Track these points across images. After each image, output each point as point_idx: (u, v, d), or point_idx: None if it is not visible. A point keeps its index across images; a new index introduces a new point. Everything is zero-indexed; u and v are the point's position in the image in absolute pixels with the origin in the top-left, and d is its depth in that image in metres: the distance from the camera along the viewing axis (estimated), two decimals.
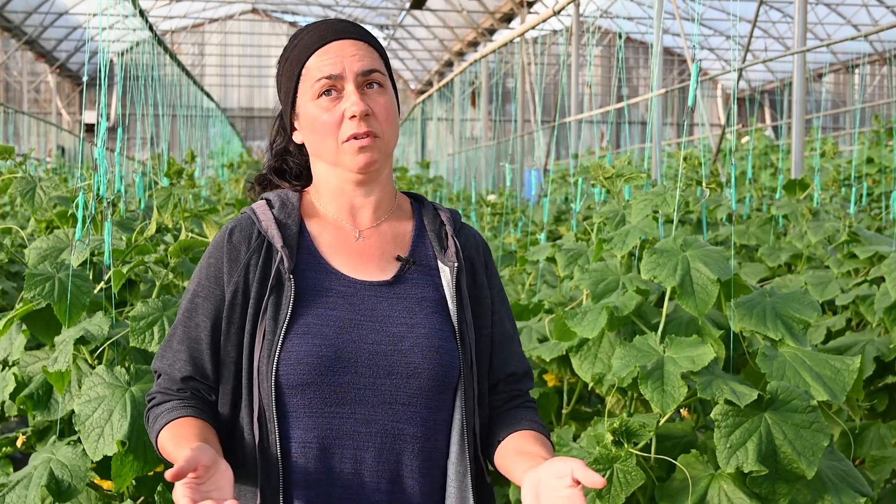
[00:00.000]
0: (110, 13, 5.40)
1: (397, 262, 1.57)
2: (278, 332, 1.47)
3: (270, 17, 28.13)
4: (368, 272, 1.55)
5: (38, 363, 2.43)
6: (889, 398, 3.20)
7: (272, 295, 1.49)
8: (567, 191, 8.24)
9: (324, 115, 1.53)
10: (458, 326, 1.53)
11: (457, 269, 1.55)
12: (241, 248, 1.54)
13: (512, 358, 1.62)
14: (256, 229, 1.56)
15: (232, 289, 1.52)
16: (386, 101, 1.55)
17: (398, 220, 1.62)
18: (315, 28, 1.59)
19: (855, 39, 7.58)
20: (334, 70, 1.53)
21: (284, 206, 1.59)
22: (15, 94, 26.33)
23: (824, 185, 5.66)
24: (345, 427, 1.46)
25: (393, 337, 1.49)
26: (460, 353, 1.52)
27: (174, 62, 11.68)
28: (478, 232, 1.67)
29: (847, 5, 20.16)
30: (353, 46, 1.55)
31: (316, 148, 1.57)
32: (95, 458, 2.11)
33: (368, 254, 1.57)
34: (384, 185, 1.61)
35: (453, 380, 1.51)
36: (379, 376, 1.47)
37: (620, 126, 18.23)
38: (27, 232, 3.52)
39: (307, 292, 1.51)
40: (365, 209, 1.60)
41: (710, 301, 2.23)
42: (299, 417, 1.46)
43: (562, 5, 8.19)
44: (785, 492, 1.97)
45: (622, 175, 2.85)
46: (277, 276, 1.51)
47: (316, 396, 1.46)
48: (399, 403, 1.47)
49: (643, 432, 2.07)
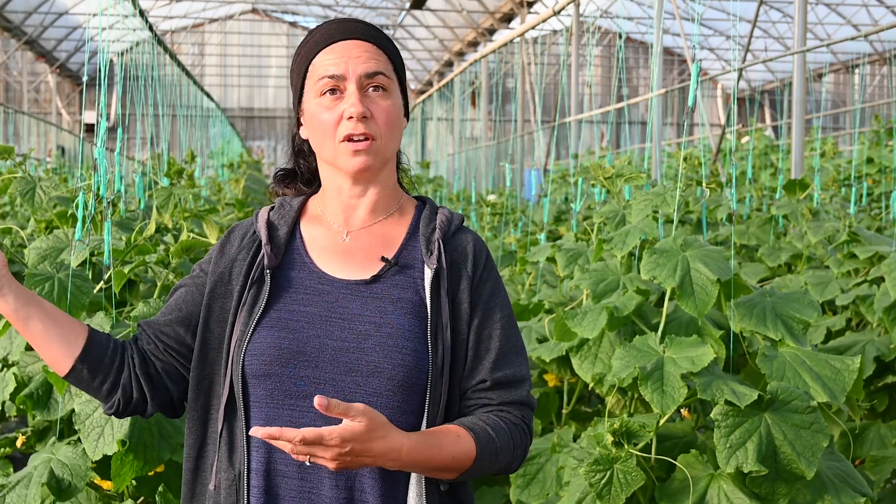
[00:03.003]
0: (110, 13, 5.40)
1: (381, 263, 1.58)
2: (250, 323, 1.53)
3: (270, 17, 28.12)
4: (350, 271, 1.57)
5: (38, 363, 2.43)
6: (889, 398, 3.20)
7: (252, 289, 1.56)
8: (567, 191, 8.24)
9: (324, 113, 1.55)
10: (431, 329, 1.52)
11: (436, 272, 1.55)
12: (234, 244, 1.63)
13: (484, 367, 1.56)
14: (253, 229, 1.64)
15: (214, 278, 1.60)
16: (388, 105, 1.56)
17: (394, 223, 1.63)
18: (326, 26, 1.61)
19: (855, 39, 7.58)
20: (337, 70, 1.54)
21: (282, 208, 1.66)
22: (15, 94, 26.33)
23: (824, 185, 5.67)
24: (304, 421, 1.48)
25: (359, 335, 1.51)
26: (431, 356, 1.51)
27: (174, 62, 11.67)
28: (478, 238, 1.64)
29: (847, 5, 20.15)
30: (360, 48, 1.57)
31: (316, 145, 1.61)
32: (95, 457, 2.11)
33: (354, 254, 1.59)
34: (382, 187, 1.62)
35: (420, 382, 1.50)
36: (339, 373, 1.49)
37: (620, 126, 18.22)
38: (27, 232, 3.52)
39: (284, 288, 1.56)
40: (359, 210, 1.61)
41: (710, 301, 2.23)
42: (261, 408, 1.51)
43: (562, 5, 8.19)
44: (784, 492, 1.97)
45: (622, 175, 2.85)
46: (259, 272, 1.57)
47: (277, 388, 1.50)
48: (359, 402, 1.46)
49: (643, 433, 2.07)
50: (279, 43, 28.16)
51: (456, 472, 1.48)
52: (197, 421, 1.59)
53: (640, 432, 2.07)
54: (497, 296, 1.61)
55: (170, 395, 1.62)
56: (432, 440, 1.45)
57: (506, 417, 1.55)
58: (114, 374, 1.57)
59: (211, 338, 1.58)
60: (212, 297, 1.59)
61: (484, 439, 1.49)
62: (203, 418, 1.59)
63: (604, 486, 2.04)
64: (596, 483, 2.04)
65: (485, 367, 1.56)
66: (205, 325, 1.58)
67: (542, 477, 2.65)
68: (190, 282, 1.64)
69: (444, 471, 1.47)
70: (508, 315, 1.61)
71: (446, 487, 1.54)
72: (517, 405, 1.57)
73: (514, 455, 1.54)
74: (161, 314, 1.64)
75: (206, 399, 1.59)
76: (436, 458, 1.44)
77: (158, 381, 1.60)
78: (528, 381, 1.60)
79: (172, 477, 2.35)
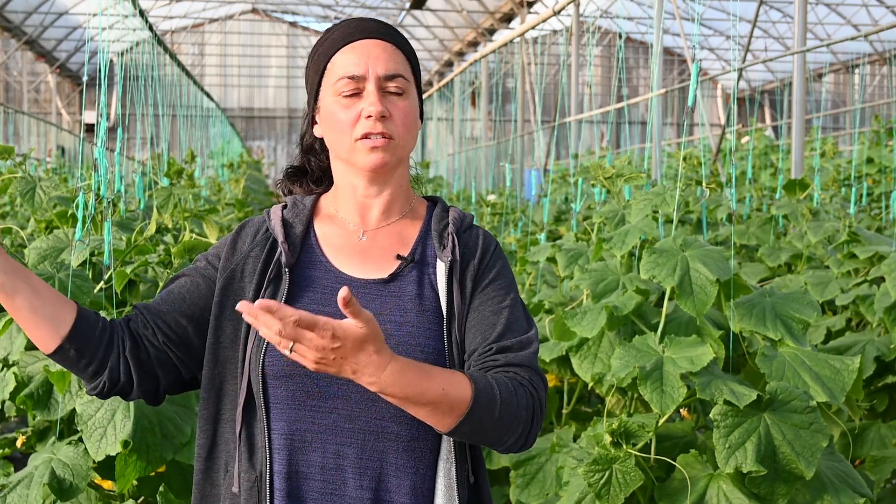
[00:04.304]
0: (110, 13, 5.40)
1: (397, 262, 1.57)
2: None
3: (270, 17, 28.11)
4: (367, 270, 1.56)
5: (38, 363, 2.43)
6: (889, 398, 3.20)
7: (269, 287, 1.54)
8: (567, 191, 8.24)
9: (342, 112, 1.54)
10: (447, 323, 1.52)
11: (449, 264, 1.55)
12: (246, 240, 1.60)
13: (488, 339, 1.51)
14: (265, 226, 1.61)
15: (226, 275, 1.57)
16: (405, 105, 1.56)
17: (408, 223, 1.63)
18: (347, 24, 1.60)
19: (855, 39, 7.58)
20: (357, 70, 1.54)
21: (295, 206, 1.64)
22: (15, 94, 26.32)
23: (824, 185, 5.66)
24: (327, 421, 1.47)
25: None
26: (447, 351, 1.51)
27: (174, 62, 11.67)
28: (487, 233, 1.64)
29: (847, 5, 20.14)
30: (380, 48, 1.56)
31: (332, 143, 1.60)
32: (98, 457, 2.12)
33: (370, 253, 1.58)
34: (396, 187, 1.61)
35: None
36: None
37: (620, 126, 18.22)
38: (27, 232, 3.52)
39: (302, 287, 1.54)
40: (374, 209, 1.61)
41: (709, 301, 2.24)
42: (283, 409, 1.49)
43: (562, 5, 8.19)
44: (784, 492, 1.98)
45: (622, 175, 2.85)
46: (276, 270, 1.55)
47: (299, 388, 1.48)
48: (382, 401, 1.46)
49: (642, 433, 2.07)
50: (279, 43, 28.15)
51: (450, 414, 1.37)
52: (208, 420, 1.57)
53: (638, 432, 2.07)
54: (500, 278, 1.58)
55: (157, 384, 1.57)
56: (422, 366, 1.37)
57: (511, 376, 1.46)
58: (101, 355, 1.51)
59: (223, 336, 1.56)
60: (224, 294, 1.56)
61: (481, 383, 1.39)
62: (214, 418, 1.57)
63: (602, 486, 2.04)
64: (595, 483, 2.04)
65: (489, 339, 1.51)
66: (217, 322, 1.55)
67: (541, 477, 2.65)
68: (195, 273, 1.59)
69: (434, 408, 1.36)
70: (514, 297, 1.57)
71: (472, 479, 1.53)
72: (525, 368, 1.48)
73: (518, 416, 1.43)
74: (161, 301, 1.58)
75: (217, 398, 1.57)
76: (423, 386, 1.34)
77: (149, 367, 1.55)
78: (535, 346, 1.52)
79: (174, 477, 2.35)
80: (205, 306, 1.58)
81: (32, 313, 1.47)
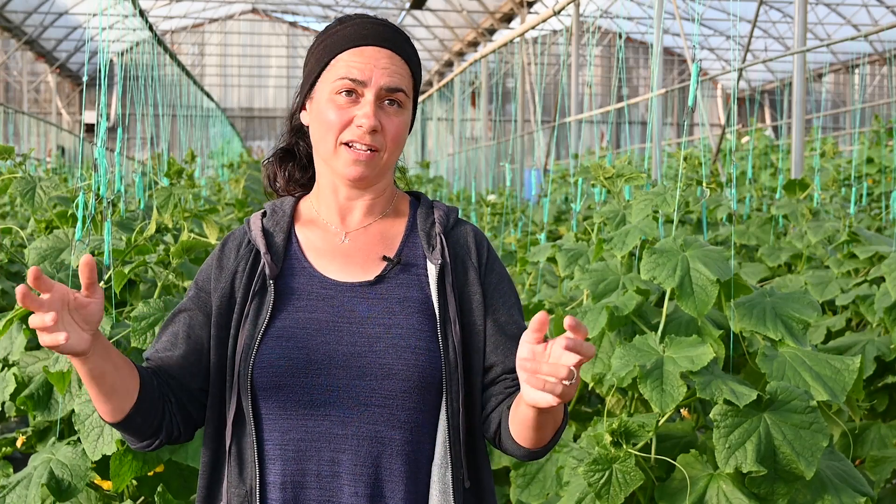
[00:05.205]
0: (110, 13, 5.40)
1: (383, 263, 1.55)
2: (256, 335, 1.49)
3: (270, 17, 28.12)
4: (352, 273, 1.55)
5: (38, 363, 2.43)
6: (889, 398, 3.20)
7: (254, 300, 1.52)
8: (567, 191, 8.24)
9: (334, 111, 1.52)
10: (440, 325, 1.50)
11: (440, 267, 1.53)
12: (230, 256, 1.58)
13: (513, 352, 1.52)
14: (247, 238, 1.59)
15: (219, 294, 1.55)
16: (399, 121, 1.54)
17: (391, 221, 1.61)
18: (360, 24, 1.56)
19: (855, 39, 7.58)
20: (361, 75, 1.51)
21: (275, 213, 1.61)
22: (15, 94, 26.33)
23: (824, 185, 5.66)
24: (320, 429, 1.47)
25: (369, 338, 1.48)
26: (442, 353, 1.49)
27: (174, 62, 11.67)
28: (476, 228, 1.63)
29: (847, 5, 20.15)
30: (388, 59, 1.53)
31: (316, 139, 1.57)
32: (94, 457, 2.11)
33: (353, 255, 1.57)
34: (380, 190, 1.60)
35: (434, 380, 1.48)
36: (353, 378, 1.46)
37: (620, 126, 18.22)
38: (27, 232, 3.53)
39: (287, 297, 1.52)
40: (356, 210, 1.59)
41: (710, 302, 2.23)
42: (275, 420, 1.49)
43: (562, 5, 8.19)
44: (784, 492, 1.97)
45: (622, 175, 2.85)
46: (261, 283, 1.53)
47: (290, 399, 1.47)
48: (375, 405, 1.46)
49: (642, 433, 2.07)
50: (279, 43, 28.17)
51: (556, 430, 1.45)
52: (210, 437, 1.56)
53: (639, 432, 2.07)
54: (504, 282, 1.60)
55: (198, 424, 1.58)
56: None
57: None
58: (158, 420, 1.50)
59: (214, 355, 1.55)
60: (219, 314, 1.54)
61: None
62: (216, 435, 1.56)
63: (602, 486, 2.04)
64: (595, 483, 2.04)
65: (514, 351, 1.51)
66: (217, 342, 1.54)
67: (542, 477, 2.65)
68: (192, 306, 1.57)
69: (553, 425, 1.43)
70: (517, 299, 1.60)
71: (468, 484, 1.51)
72: None
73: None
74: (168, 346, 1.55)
75: (219, 416, 1.56)
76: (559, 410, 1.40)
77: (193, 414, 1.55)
78: None
79: (172, 477, 2.35)
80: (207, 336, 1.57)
81: (111, 391, 1.43)
